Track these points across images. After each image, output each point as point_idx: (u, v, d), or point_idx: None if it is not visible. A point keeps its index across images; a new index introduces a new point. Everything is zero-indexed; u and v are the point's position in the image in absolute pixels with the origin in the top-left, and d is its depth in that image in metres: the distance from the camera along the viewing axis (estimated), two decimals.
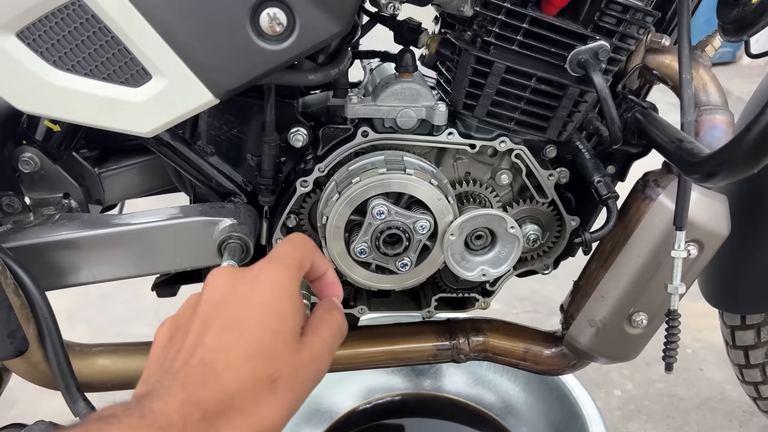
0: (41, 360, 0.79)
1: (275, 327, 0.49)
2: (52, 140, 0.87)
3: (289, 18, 0.64)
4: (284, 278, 0.52)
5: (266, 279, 0.51)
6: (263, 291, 0.51)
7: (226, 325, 0.49)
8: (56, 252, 0.80)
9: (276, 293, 0.51)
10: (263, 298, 0.50)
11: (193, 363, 0.47)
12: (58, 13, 0.63)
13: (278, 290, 0.51)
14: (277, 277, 0.52)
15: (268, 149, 0.81)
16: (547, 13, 0.73)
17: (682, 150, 0.68)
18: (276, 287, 0.51)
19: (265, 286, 0.51)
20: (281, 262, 0.54)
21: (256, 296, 0.50)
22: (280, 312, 0.50)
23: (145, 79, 0.66)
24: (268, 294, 0.51)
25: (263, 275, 0.52)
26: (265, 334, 0.49)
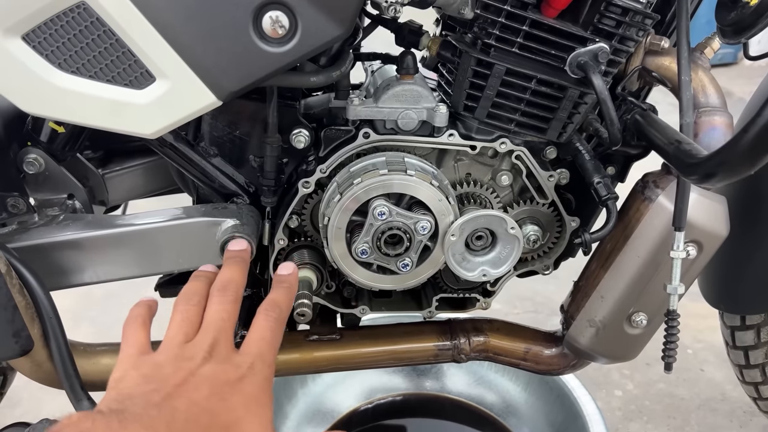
0: (46, 359, 0.79)
1: (255, 412, 0.59)
2: (57, 141, 0.88)
3: (291, 21, 0.64)
4: (266, 379, 0.62)
5: (253, 376, 0.61)
6: (249, 386, 0.59)
7: (214, 395, 0.56)
8: (60, 252, 0.81)
9: (258, 389, 0.60)
10: (249, 391, 0.59)
11: (178, 407, 0.53)
12: (63, 17, 0.63)
13: (260, 388, 0.61)
14: (261, 379, 0.61)
15: (270, 150, 0.81)
16: (546, 16, 0.74)
17: (680, 151, 0.68)
18: (259, 386, 0.61)
19: (252, 382, 0.59)
20: (265, 364, 0.62)
21: (243, 387, 0.59)
22: (260, 403, 0.60)
23: (149, 81, 0.67)
24: (252, 389, 0.59)
25: (251, 374, 0.61)
26: (246, 415, 0.57)
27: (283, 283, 0.72)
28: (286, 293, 0.71)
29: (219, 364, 0.59)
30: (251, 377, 0.59)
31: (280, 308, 0.68)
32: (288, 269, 0.74)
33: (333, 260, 0.82)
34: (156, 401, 0.52)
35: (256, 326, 0.65)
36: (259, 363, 0.61)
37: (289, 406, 1.36)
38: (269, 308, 0.67)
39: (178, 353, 0.60)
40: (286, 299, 0.70)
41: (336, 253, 0.81)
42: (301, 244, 0.89)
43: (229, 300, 0.66)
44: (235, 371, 0.59)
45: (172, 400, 0.53)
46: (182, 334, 0.62)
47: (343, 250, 0.80)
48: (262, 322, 0.66)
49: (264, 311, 0.67)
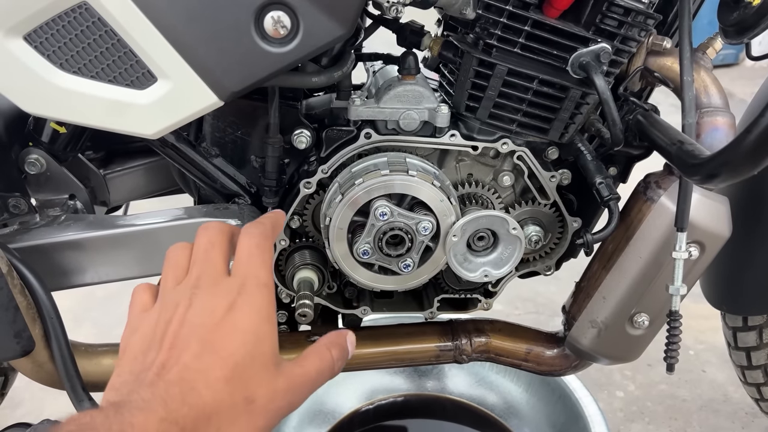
0: (47, 360, 0.79)
1: (253, 350, 0.51)
2: (58, 142, 0.88)
3: (293, 21, 0.64)
4: (263, 302, 0.53)
5: (245, 304, 0.52)
6: (243, 316, 0.52)
7: (205, 347, 0.49)
8: (62, 253, 0.81)
9: (255, 318, 0.52)
10: (243, 323, 0.51)
11: (170, 379, 0.48)
12: (65, 17, 0.63)
13: (257, 315, 0.52)
14: (256, 303, 0.53)
15: (271, 151, 0.81)
16: (548, 16, 0.74)
17: (682, 152, 0.68)
18: (255, 312, 0.52)
19: (244, 311, 0.52)
20: (258, 284, 0.54)
21: (235, 320, 0.51)
22: (258, 335, 0.51)
23: (151, 81, 0.67)
24: (248, 319, 0.52)
25: (242, 300, 0.52)
26: (244, 357, 0.50)
27: (267, 213, 0.67)
28: (269, 216, 0.65)
29: (206, 298, 0.52)
30: (244, 303, 0.52)
31: (263, 225, 0.61)
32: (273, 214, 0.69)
33: (334, 261, 0.82)
34: (150, 379, 0.48)
35: (240, 247, 0.57)
36: (252, 282, 0.54)
37: None
38: (250, 227, 0.60)
39: (166, 300, 0.54)
40: (270, 221, 0.63)
41: (337, 254, 0.80)
42: (303, 245, 0.89)
43: (217, 230, 0.59)
44: (225, 299, 0.52)
45: (165, 371, 0.48)
46: (171, 279, 0.57)
47: (345, 250, 0.80)
48: (245, 241, 0.58)
49: (245, 231, 0.59)
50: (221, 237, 0.59)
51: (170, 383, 0.47)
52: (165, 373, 0.48)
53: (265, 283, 0.55)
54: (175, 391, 0.47)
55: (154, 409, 0.45)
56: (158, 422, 0.44)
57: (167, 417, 0.45)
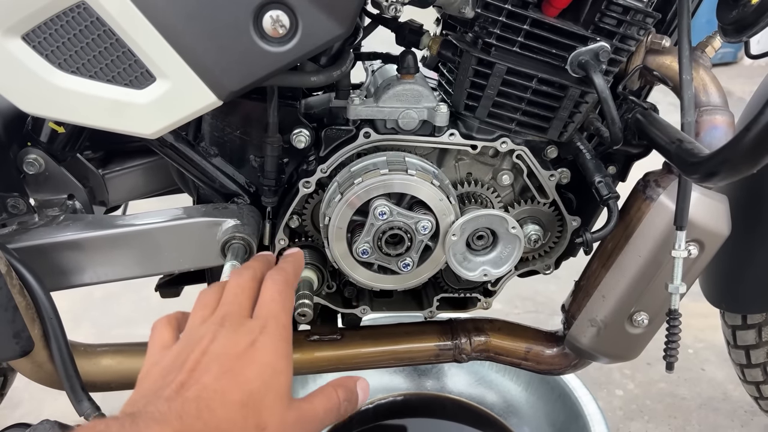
0: (46, 360, 0.79)
1: (270, 381, 0.54)
2: (57, 142, 0.88)
3: (291, 20, 0.64)
4: (282, 341, 0.57)
5: (266, 342, 0.56)
6: (263, 351, 0.55)
7: (225, 372, 0.52)
8: (61, 253, 0.81)
9: (273, 354, 0.56)
10: (262, 357, 0.55)
11: (188, 396, 0.50)
12: (63, 16, 0.63)
13: (275, 351, 0.56)
14: (275, 341, 0.57)
15: (270, 150, 0.81)
16: (547, 15, 0.74)
17: (682, 150, 0.68)
18: (274, 349, 0.56)
19: (265, 347, 0.56)
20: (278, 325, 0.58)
21: (255, 354, 0.55)
22: (276, 369, 0.55)
23: (149, 81, 0.67)
24: (267, 354, 0.55)
25: (263, 338, 0.56)
26: (260, 386, 0.53)
27: (288, 257, 0.70)
28: (291, 262, 0.69)
29: (229, 334, 0.56)
30: (264, 341, 0.56)
31: (286, 272, 0.65)
32: (293, 250, 0.73)
33: (334, 260, 0.82)
34: (167, 395, 0.50)
35: (263, 291, 0.62)
36: (273, 324, 0.58)
37: None
38: (274, 273, 0.64)
39: (191, 336, 0.58)
40: (292, 267, 0.67)
41: (337, 253, 0.80)
42: (302, 244, 0.89)
43: (249, 276, 0.64)
44: (247, 337, 0.56)
45: (184, 390, 0.51)
46: (199, 318, 0.60)
47: (344, 250, 0.80)
48: (269, 285, 0.62)
49: (269, 277, 0.64)
50: (251, 283, 0.63)
51: (187, 400, 0.50)
52: (184, 391, 0.51)
53: (284, 325, 0.59)
54: (191, 407, 0.49)
55: (170, 422, 0.47)
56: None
57: (181, 430, 0.46)
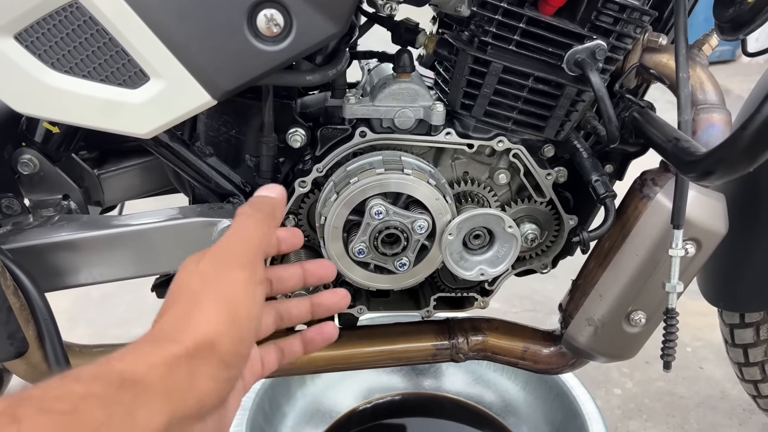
0: (41, 361, 0.79)
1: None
2: (51, 142, 0.87)
3: (286, 19, 0.64)
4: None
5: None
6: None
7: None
8: (56, 253, 0.80)
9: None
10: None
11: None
12: (56, 15, 0.63)
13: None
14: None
15: (266, 150, 0.81)
16: (544, 13, 0.73)
17: (678, 149, 0.68)
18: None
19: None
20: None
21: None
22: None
23: (143, 80, 0.66)
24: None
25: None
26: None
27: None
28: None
29: None
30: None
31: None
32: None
33: (330, 260, 0.81)
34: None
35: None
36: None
37: (288, 407, 1.36)
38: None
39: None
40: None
41: (333, 253, 0.80)
42: None
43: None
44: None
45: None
46: None
47: (340, 249, 0.80)
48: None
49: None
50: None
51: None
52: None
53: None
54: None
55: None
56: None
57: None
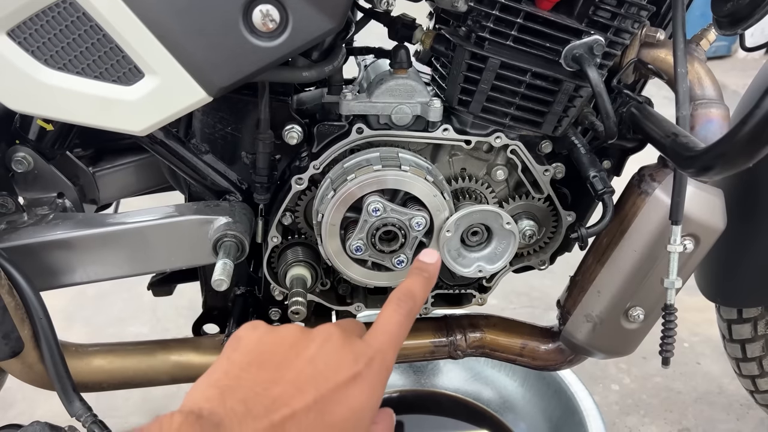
0: (37, 361, 0.78)
1: (355, 427, 0.50)
2: (46, 139, 0.87)
3: (281, 15, 0.63)
4: (380, 385, 0.53)
5: (366, 381, 0.52)
6: (360, 392, 0.51)
7: (317, 402, 0.49)
8: (50, 252, 0.80)
9: (368, 399, 0.51)
10: (357, 401, 0.51)
11: (274, 421, 0.47)
12: (49, 12, 0.62)
13: (371, 396, 0.52)
14: (375, 384, 0.52)
15: (262, 147, 0.80)
16: (541, 8, 0.73)
17: (677, 144, 0.68)
18: (371, 393, 0.52)
19: (363, 387, 0.52)
20: (384, 365, 0.54)
21: (352, 393, 0.51)
22: (363, 418, 0.51)
23: (138, 77, 0.66)
24: (363, 397, 0.51)
25: (366, 375, 0.52)
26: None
27: (424, 272, 0.62)
28: (424, 284, 0.61)
29: (336, 351, 0.52)
30: (366, 378, 0.51)
31: (414, 300, 0.59)
32: (432, 257, 0.64)
33: (327, 257, 0.81)
34: (256, 412, 0.47)
35: (384, 316, 0.57)
36: (379, 360, 0.53)
37: None
38: (402, 297, 0.58)
39: (297, 336, 0.54)
40: (423, 291, 0.61)
41: (330, 250, 0.80)
42: (295, 242, 0.88)
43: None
44: (352, 366, 0.51)
45: (273, 410, 0.48)
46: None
47: (338, 247, 0.79)
48: (392, 312, 0.57)
49: (396, 300, 0.58)
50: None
51: (273, 426, 0.47)
52: (272, 413, 0.47)
53: (388, 367, 0.54)
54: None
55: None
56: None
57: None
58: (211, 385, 0.49)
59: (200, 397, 0.48)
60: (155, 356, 0.92)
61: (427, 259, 0.64)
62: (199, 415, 0.45)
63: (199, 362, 0.93)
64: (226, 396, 0.48)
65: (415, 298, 0.59)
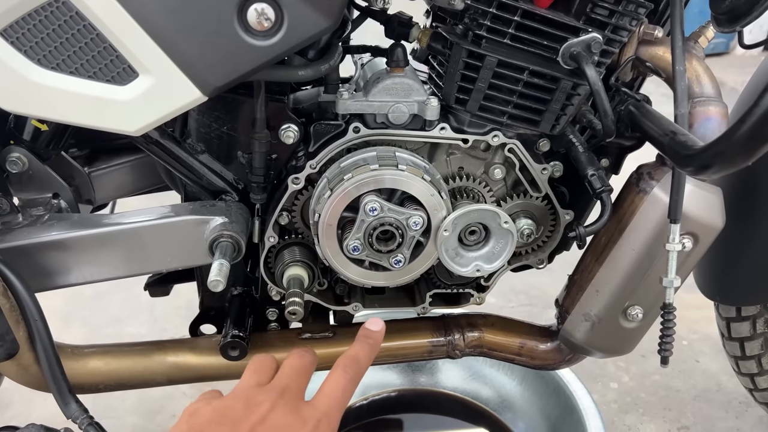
0: (32, 362, 0.78)
1: None
2: (40, 140, 0.86)
3: (277, 13, 0.63)
4: None
5: None
6: None
7: None
8: (45, 253, 0.79)
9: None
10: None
11: None
12: (42, 11, 0.61)
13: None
14: None
15: (258, 146, 0.80)
16: (538, 6, 0.73)
17: (675, 143, 0.67)
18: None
19: None
20: (330, 426, 0.60)
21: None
22: None
23: (132, 77, 0.65)
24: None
25: None
26: None
27: (369, 339, 0.70)
28: (368, 350, 0.69)
29: (287, 413, 0.59)
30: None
31: (359, 366, 0.66)
32: (377, 326, 0.72)
33: (324, 257, 0.80)
34: None
35: (330, 381, 0.64)
36: (325, 422, 0.60)
37: None
38: (348, 363, 0.65)
39: (249, 395, 0.60)
40: (368, 357, 0.68)
41: (327, 250, 0.79)
42: (292, 242, 0.88)
43: (309, 361, 0.67)
44: (301, 426, 0.58)
45: None
46: (254, 380, 0.63)
47: (335, 247, 0.79)
48: (337, 378, 0.64)
49: (342, 366, 0.65)
50: (311, 368, 0.67)
51: None
52: None
53: (333, 428, 0.61)
54: None
55: None
56: None
57: None
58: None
59: None
60: (152, 357, 0.91)
61: (373, 327, 0.72)
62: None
63: (196, 363, 0.92)
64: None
65: (360, 363, 0.67)
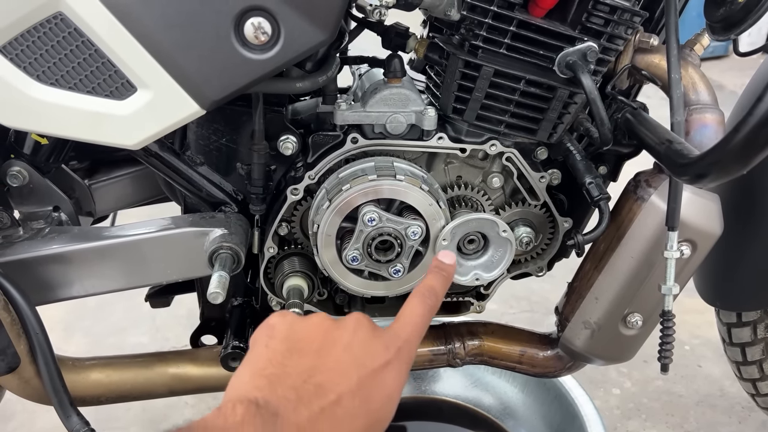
0: (33, 376, 0.78)
1: (387, 415, 0.55)
2: (41, 153, 0.87)
3: (273, 27, 0.63)
4: (406, 375, 0.57)
5: (396, 369, 0.56)
6: (392, 379, 0.56)
7: (360, 388, 0.53)
8: (46, 266, 0.80)
9: (398, 386, 0.56)
10: (391, 386, 0.55)
11: (324, 407, 0.51)
12: (41, 28, 0.62)
13: (400, 384, 0.56)
14: (403, 374, 0.57)
15: (257, 158, 0.80)
16: (534, 16, 0.73)
17: (671, 151, 0.68)
18: (400, 382, 0.57)
19: (395, 375, 0.56)
20: (411, 354, 0.58)
21: (387, 379, 0.55)
22: (393, 403, 0.56)
23: (131, 91, 0.65)
24: (395, 384, 0.56)
25: (397, 363, 0.56)
26: (381, 418, 0.54)
27: (443, 271, 0.67)
28: (443, 281, 0.66)
29: (368, 339, 0.56)
30: (396, 366, 0.56)
31: (436, 296, 0.64)
32: (449, 258, 0.69)
33: (324, 268, 0.81)
34: (307, 397, 0.50)
35: (409, 308, 0.61)
36: (406, 349, 0.57)
37: None
38: (426, 293, 0.63)
39: (327, 326, 0.57)
40: (443, 288, 0.65)
41: (326, 261, 0.79)
42: (292, 252, 0.88)
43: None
44: (384, 353, 0.55)
45: (320, 395, 0.51)
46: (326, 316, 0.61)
47: (334, 257, 0.79)
48: (416, 305, 0.61)
49: (420, 294, 0.62)
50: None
51: (323, 414, 0.50)
52: (321, 399, 0.51)
53: (413, 356, 0.59)
54: (324, 426, 0.50)
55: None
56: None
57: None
58: (257, 374, 0.52)
59: (249, 386, 0.51)
60: (153, 369, 0.92)
61: (446, 259, 0.68)
62: (257, 404, 0.47)
63: (197, 374, 0.92)
64: (276, 384, 0.51)
65: (437, 294, 0.64)
